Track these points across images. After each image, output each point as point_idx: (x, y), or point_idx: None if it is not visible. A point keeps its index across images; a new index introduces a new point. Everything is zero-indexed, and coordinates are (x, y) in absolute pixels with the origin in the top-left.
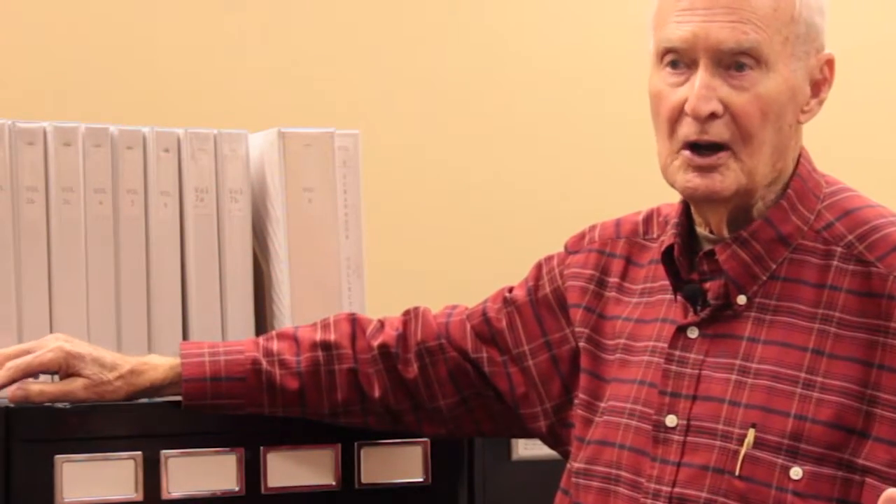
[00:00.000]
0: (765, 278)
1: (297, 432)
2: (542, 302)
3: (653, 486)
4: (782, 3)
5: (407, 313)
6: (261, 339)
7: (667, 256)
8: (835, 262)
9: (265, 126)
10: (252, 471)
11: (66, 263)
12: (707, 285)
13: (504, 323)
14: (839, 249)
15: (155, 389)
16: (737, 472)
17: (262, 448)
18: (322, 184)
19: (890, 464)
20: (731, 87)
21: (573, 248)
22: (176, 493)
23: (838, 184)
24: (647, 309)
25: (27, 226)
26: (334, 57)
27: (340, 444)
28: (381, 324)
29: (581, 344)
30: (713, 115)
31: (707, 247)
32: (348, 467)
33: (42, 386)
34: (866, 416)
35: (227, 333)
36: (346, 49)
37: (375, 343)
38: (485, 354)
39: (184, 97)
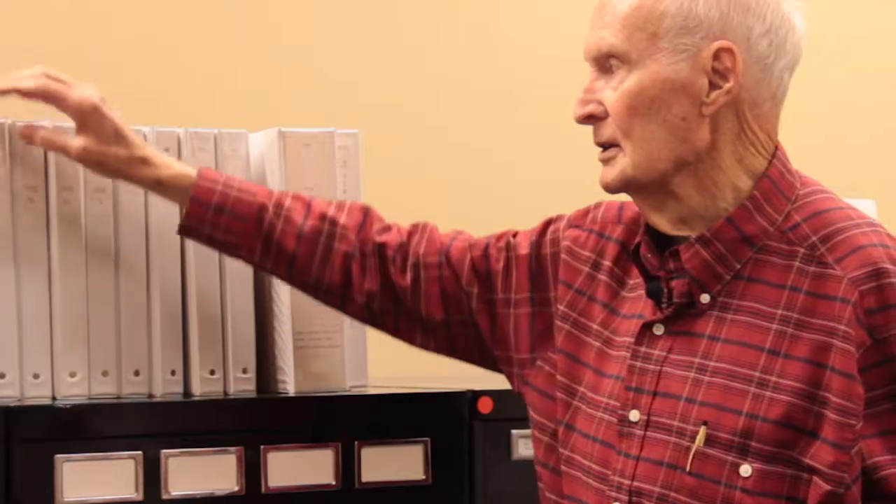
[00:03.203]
0: (729, 278)
1: (298, 432)
2: (539, 259)
3: (616, 479)
4: (646, 1)
5: (415, 226)
6: (277, 192)
7: (639, 252)
8: (797, 263)
9: (265, 126)
10: (252, 471)
11: (66, 263)
12: (673, 283)
13: (501, 265)
14: (802, 250)
15: (154, 185)
16: (687, 469)
17: (262, 448)
18: (322, 184)
19: (833, 465)
20: (610, 88)
21: (576, 222)
22: (176, 493)
23: (814, 185)
24: (631, 304)
25: (27, 226)
26: (334, 57)
27: (340, 443)
28: (389, 227)
29: (559, 323)
30: (594, 117)
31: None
32: (348, 467)
33: (49, 133)
34: (816, 418)
35: (228, 333)
36: (346, 49)
37: (378, 239)
38: (476, 289)
39: (184, 97)
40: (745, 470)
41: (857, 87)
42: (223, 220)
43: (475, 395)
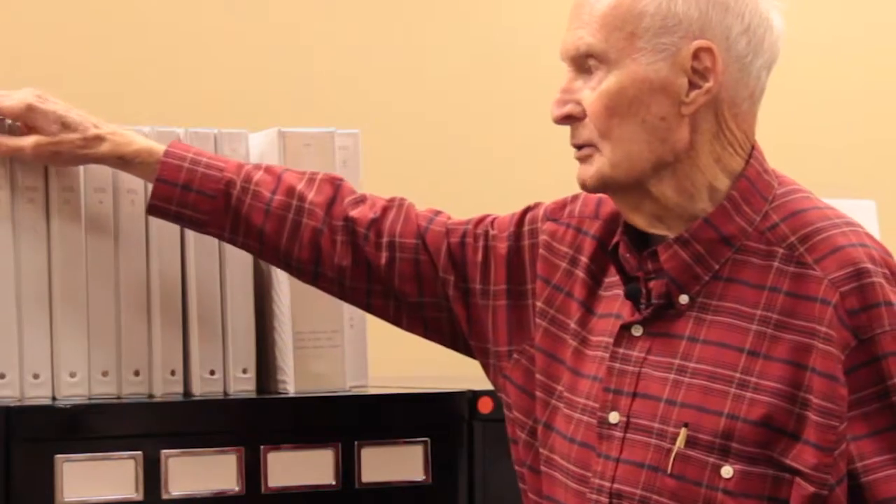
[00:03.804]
0: (707, 278)
1: (298, 432)
2: (518, 252)
3: (597, 481)
4: (624, 0)
5: (391, 201)
6: (248, 165)
7: (617, 253)
8: (776, 264)
9: (265, 126)
10: (252, 471)
11: (66, 264)
12: (651, 284)
13: (480, 256)
14: (781, 251)
15: (116, 162)
16: (668, 471)
17: (262, 448)
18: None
19: (815, 467)
20: (588, 88)
21: (553, 215)
22: (176, 493)
23: (792, 185)
24: (607, 303)
25: (27, 226)
26: (334, 57)
27: (340, 443)
28: (363, 199)
29: (537, 320)
30: (572, 118)
31: (655, 245)
32: (348, 467)
33: (2, 139)
34: (798, 419)
35: (228, 333)
36: (346, 49)
37: (350, 214)
38: (452, 277)
39: (184, 97)
40: (727, 471)
41: (857, 88)
42: (191, 198)
43: (475, 395)
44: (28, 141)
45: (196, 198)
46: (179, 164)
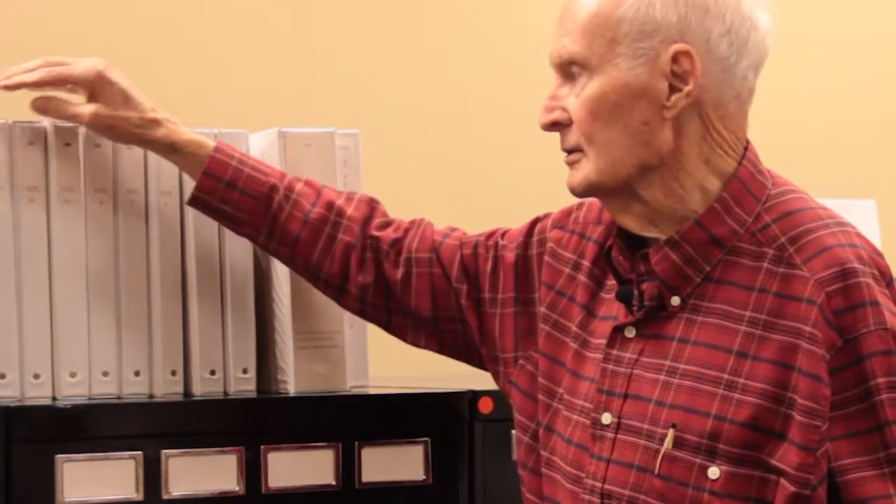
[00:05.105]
0: (698, 280)
1: (298, 432)
2: (526, 261)
3: (589, 481)
4: (604, 7)
5: (412, 222)
6: (289, 176)
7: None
8: (766, 265)
9: (265, 126)
10: (252, 471)
11: (66, 263)
12: (644, 286)
13: (489, 266)
14: (771, 252)
15: (166, 148)
16: (656, 471)
17: (262, 448)
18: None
19: (798, 467)
20: (573, 95)
21: (559, 223)
22: (176, 493)
23: (786, 185)
24: (607, 306)
25: (27, 226)
26: (334, 57)
27: (340, 443)
28: (390, 222)
29: (540, 324)
30: (558, 124)
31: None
32: (348, 467)
33: (60, 102)
34: (784, 419)
35: (228, 333)
36: (346, 49)
37: (375, 234)
38: (465, 287)
39: (184, 97)
40: (714, 472)
41: (857, 87)
42: (233, 195)
43: (475, 395)
44: (88, 108)
45: (240, 197)
46: (227, 162)
